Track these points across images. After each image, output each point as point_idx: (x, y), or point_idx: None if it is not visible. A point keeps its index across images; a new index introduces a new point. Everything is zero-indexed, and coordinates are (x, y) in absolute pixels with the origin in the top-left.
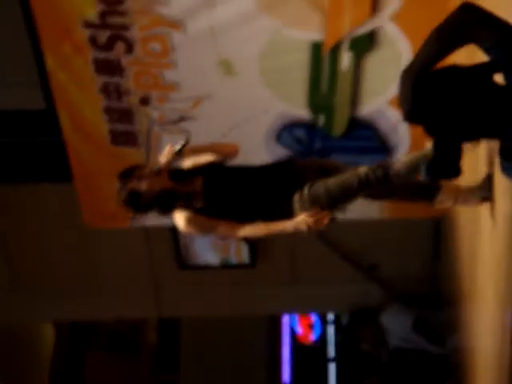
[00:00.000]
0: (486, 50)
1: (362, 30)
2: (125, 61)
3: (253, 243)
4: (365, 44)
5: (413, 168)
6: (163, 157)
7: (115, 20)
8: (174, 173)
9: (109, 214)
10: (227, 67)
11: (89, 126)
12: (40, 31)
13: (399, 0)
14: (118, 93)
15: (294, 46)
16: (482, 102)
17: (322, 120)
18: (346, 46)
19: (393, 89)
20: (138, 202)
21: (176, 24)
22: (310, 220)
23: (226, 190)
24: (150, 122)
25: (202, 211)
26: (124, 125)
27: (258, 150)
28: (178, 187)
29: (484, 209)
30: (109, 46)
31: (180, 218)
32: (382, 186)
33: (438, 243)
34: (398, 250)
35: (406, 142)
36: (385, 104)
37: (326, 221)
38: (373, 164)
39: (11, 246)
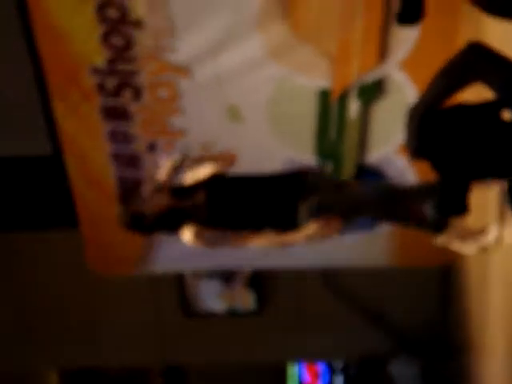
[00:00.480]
0: (494, 89)
1: (370, 77)
2: (132, 107)
3: (260, 290)
4: (373, 92)
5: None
6: (163, 174)
7: (123, 66)
8: (175, 190)
9: (114, 261)
10: (234, 114)
11: (96, 172)
12: (48, 78)
13: (407, 47)
14: (125, 139)
15: (301, 93)
16: (490, 140)
17: (329, 167)
18: (353, 93)
19: (401, 136)
20: (141, 224)
21: (183, 70)
22: (321, 228)
23: (230, 200)
24: (156, 169)
25: (208, 223)
26: (131, 171)
27: None
28: (182, 204)
29: (494, 254)
30: (116, 92)
31: (187, 234)
32: (392, 199)
33: (446, 290)
34: (406, 297)
35: None
36: (393, 151)
37: (337, 227)
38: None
39: (16, 293)
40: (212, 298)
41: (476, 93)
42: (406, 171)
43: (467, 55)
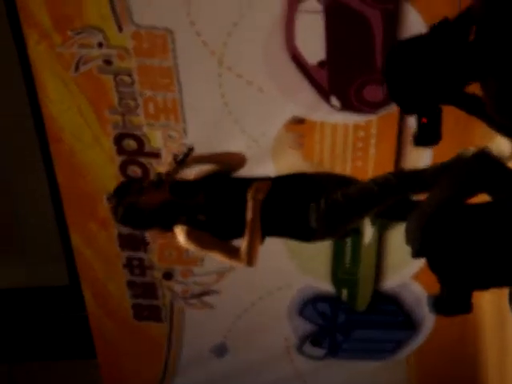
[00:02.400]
0: (500, 202)
1: None
2: (149, 235)
3: None
4: None
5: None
6: (165, 167)
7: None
8: (174, 185)
9: None
10: None
11: (112, 301)
12: (65, 209)
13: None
14: (141, 267)
15: None
16: (494, 248)
17: (345, 294)
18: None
19: (416, 263)
20: (137, 219)
21: None
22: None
23: (230, 204)
24: (173, 296)
25: (205, 227)
26: (147, 299)
27: (281, 324)
28: (179, 201)
29: None
30: None
31: (180, 233)
32: (402, 193)
33: None
34: None
35: (432, 317)
36: (408, 278)
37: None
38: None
39: None
40: None
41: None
42: (423, 298)
43: (474, 166)
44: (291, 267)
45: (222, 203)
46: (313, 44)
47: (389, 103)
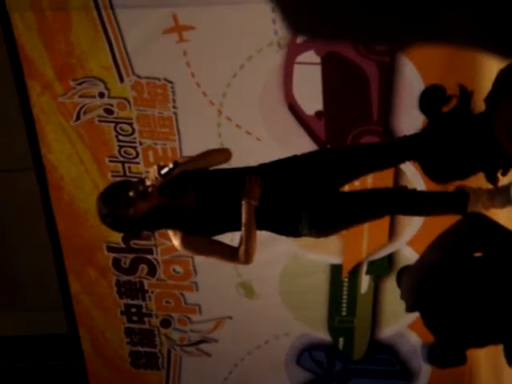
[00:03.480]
0: (494, 260)
1: (380, 254)
2: (147, 283)
3: None
4: (383, 267)
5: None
6: (149, 179)
7: (139, 243)
8: (163, 186)
9: None
10: (247, 289)
11: (110, 348)
12: (65, 256)
13: (416, 227)
14: (139, 315)
15: (313, 269)
16: (487, 307)
17: (341, 343)
18: (364, 269)
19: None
20: (126, 227)
21: None
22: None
23: (221, 198)
24: (170, 344)
25: (198, 228)
26: (145, 347)
27: (277, 373)
28: (170, 202)
29: None
30: (132, 269)
31: (175, 239)
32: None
33: None
34: None
35: (428, 367)
36: (405, 327)
37: None
38: None
39: None
40: None
41: None
42: (419, 347)
43: (466, 226)
44: (288, 316)
45: (213, 198)
46: (310, 94)
47: None
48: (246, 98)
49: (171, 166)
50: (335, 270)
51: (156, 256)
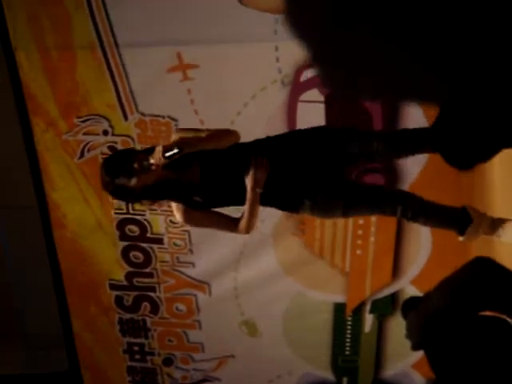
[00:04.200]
0: (502, 310)
1: (384, 293)
2: (150, 321)
3: None
4: (387, 306)
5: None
6: (153, 158)
7: (142, 281)
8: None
9: None
10: (251, 328)
11: None
12: (67, 294)
13: (420, 265)
14: (142, 353)
15: (316, 308)
16: (493, 358)
17: (345, 382)
18: (368, 308)
19: (417, 352)
20: (127, 196)
21: (201, 285)
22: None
23: (226, 176)
24: (172, 383)
25: (201, 203)
26: None
27: None
28: (174, 175)
29: None
30: (135, 307)
31: (177, 212)
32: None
33: None
34: None
35: None
36: (409, 367)
37: None
38: None
39: None
40: None
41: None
42: None
43: (472, 272)
44: (291, 355)
45: (218, 173)
46: None
47: None
48: (251, 136)
49: (176, 150)
50: (339, 308)
51: (159, 294)
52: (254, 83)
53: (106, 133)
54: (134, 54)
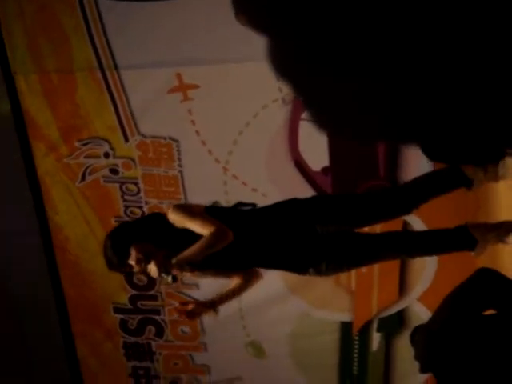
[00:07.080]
0: (506, 318)
1: (390, 311)
2: (154, 344)
3: None
4: (394, 324)
5: None
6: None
7: (146, 304)
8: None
9: None
10: (257, 349)
11: None
12: (71, 319)
13: (426, 283)
14: (147, 377)
15: (323, 328)
16: (501, 366)
17: None
18: (375, 326)
19: None
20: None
21: None
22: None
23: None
24: None
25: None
26: None
27: None
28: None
29: None
30: (139, 330)
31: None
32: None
33: None
34: None
35: None
36: None
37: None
38: None
39: None
40: None
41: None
42: None
43: (477, 283)
44: (298, 376)
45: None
46: (316, 151)
47: None
48: (252, 155)
49: (170, 279)
50: (345, 327)
51: (163, 316)
52: (255, 102)
53: (107, 155)
54: (134, 75)
